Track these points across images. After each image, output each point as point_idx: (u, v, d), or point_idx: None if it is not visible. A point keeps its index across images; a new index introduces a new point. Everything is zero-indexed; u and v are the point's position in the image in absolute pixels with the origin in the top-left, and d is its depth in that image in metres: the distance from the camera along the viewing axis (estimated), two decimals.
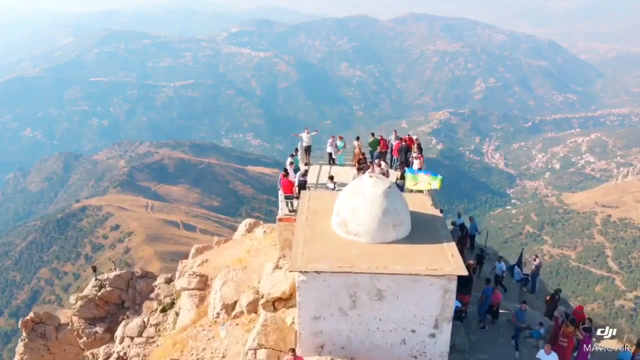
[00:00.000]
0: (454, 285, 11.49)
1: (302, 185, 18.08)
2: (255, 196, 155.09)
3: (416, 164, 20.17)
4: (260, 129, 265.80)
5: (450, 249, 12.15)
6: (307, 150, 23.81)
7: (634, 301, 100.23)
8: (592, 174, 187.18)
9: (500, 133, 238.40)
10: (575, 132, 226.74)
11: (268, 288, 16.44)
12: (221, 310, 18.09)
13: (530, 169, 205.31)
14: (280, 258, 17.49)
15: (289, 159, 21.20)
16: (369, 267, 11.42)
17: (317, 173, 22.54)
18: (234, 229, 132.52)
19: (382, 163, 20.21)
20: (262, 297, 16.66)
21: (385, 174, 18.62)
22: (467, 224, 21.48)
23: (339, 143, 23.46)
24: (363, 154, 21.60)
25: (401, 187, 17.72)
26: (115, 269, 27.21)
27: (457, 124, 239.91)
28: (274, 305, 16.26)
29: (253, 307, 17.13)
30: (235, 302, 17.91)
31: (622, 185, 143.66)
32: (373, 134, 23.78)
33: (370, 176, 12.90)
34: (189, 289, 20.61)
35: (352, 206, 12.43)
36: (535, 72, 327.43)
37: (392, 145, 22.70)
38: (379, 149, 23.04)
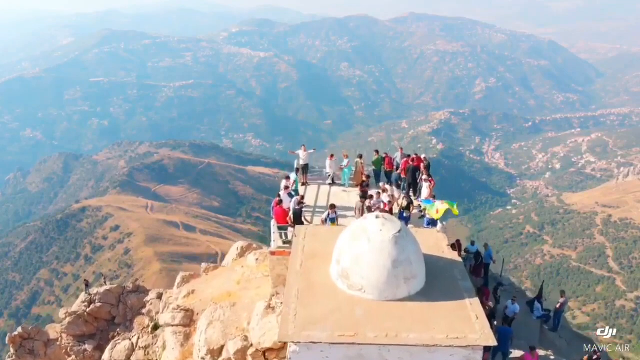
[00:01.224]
0: (479, 356, 9.70)
1: (298, 215, 16.08)
2: (255, 196, 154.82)
3: (425, 189, 18.27)
4: (260, 129, 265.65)
5: (474, 307, 10.32)
6: (305, 169, 21.80)
7: (635, 301, 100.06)
8: (592, 174, 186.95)
9: (500, 133, 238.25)
10: (576, 132, 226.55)
11: (258, 336, 14.64)
12: (206, 355, 16.26)
13: (530, 169, 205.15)
14: (273, 296, 15.89)
15: (284, 182, 19.08)
16: (376, 335, 9.52)
17: (315, 195, 20.58)
18: (234, 229, 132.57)
19: (387, 187, 18.28)
20: (252, 346, 14.88)
21: (392, 201, 17.12)
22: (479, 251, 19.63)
23: (345, 161, 21.34)
24: (367, 176, 19.82)
25: (406, 219, 16.35)
26: (105, 283, 25.96)
27: (457, 124, 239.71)
28: (264, 356, 14.55)
29: (241, 355, 15.27)
30: (222, 347, 16.09)
31: (623, 185, 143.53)
32: (377, 152, 22.02)
33: (377, 217, 10.80)
34: (173, 325, 18.79)
35: (355, 254, 10.51)
36: (536, 72, 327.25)
37: (397, 163, 20.92)
38: (383, 168, 21.25)
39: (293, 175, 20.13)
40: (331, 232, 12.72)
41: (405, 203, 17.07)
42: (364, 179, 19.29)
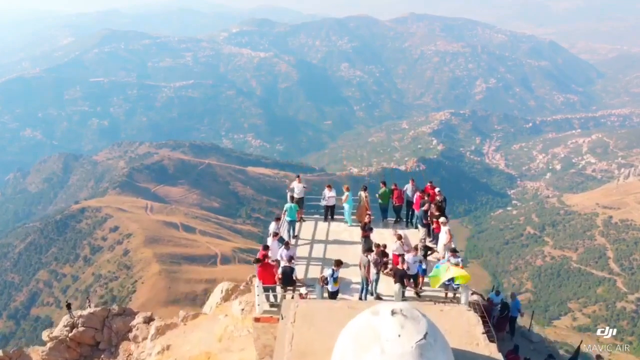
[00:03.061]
0: None
1: (288, 275, 13.38)
2: (255, 197, 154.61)
3: (444, 234, 15.37)
4: (260, 129, 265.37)
5: None
6: (300, 203, 18.96)
7: (636, 303, 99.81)
8: (593, 174, 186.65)
9: (500, 134, 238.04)
10: (576, 133, 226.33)
11: None
12: None
13: (531, 170, 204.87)
14: None
15: (272, 226, 15.99)
16: None
17: (311, 234, 17.99)
18: (234, 230, 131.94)
19: (401, 234, 15.22)
20: None
21: (406, 251, 14.47)
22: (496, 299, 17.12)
23: (345, 195, 18.39)
24: (370, 216, 16.70)
25: (423, 272, 14.52)
26: (89, 305, 24.00)
27: (457, 125, 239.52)
28: None
29: None
30: None
31: (624, 187, 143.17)
32: (384, 183, 18.90)
33: (394, 312, 7.69)
34: None
35: None
36: (536, 73, 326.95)
37: (408, 196, 18.44)
38: (391, 202, 18.58)
39: (287, 206, 17.70)
40: (330, 313, 9.76)
41: (420, 252, 14.54)
42: (366, 220, 16.26)
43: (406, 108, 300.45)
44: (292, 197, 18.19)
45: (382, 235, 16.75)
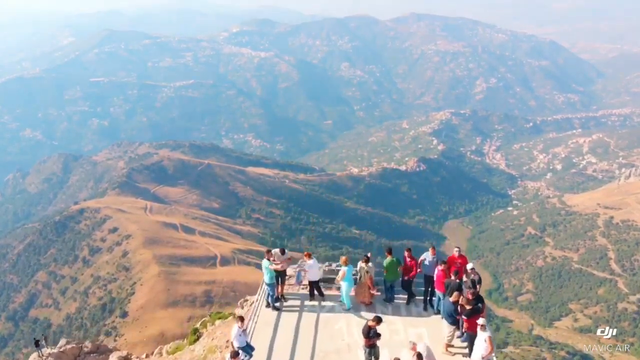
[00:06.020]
0: None
1: None
2: (255, 197, 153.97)
3: (482, 343, 11.18)
4: (260, 129, 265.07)
5: None
6: (281, 277, 15.22)
7: (637, 304, 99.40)
8: (594, 175, 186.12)
9: (501, 133, 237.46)
10: (577, 133, 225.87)
11: None
12: None
13: (531, 170, 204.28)
14: None
15: (234, 332, 11.96)
16: None
17: (294, 325, 13.67)
18: (234, 231, 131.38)
19: (422, 351, 10.72)
20: None
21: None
22: None
23: (342, 270, 14.57)
24: (379, 319, 11.55)
25: None
26: (46, 345, 20.76)
27: (458, 125, 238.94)
28: None
29: None
30: None
31: (625, 187, 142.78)
32: (390, 252, 14.65)
33: None
34: None
35: None
36: (537, 72, 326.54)
37: (426, 268, 14.67)
38: (401, 274, 14.70)
39: (265, 263, 14.59)
40: None
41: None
42: (370, 324, 11.39)
43: (406, 108, 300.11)
44: (268, 250, 15.18)
45: (394, 327, 12.77)
